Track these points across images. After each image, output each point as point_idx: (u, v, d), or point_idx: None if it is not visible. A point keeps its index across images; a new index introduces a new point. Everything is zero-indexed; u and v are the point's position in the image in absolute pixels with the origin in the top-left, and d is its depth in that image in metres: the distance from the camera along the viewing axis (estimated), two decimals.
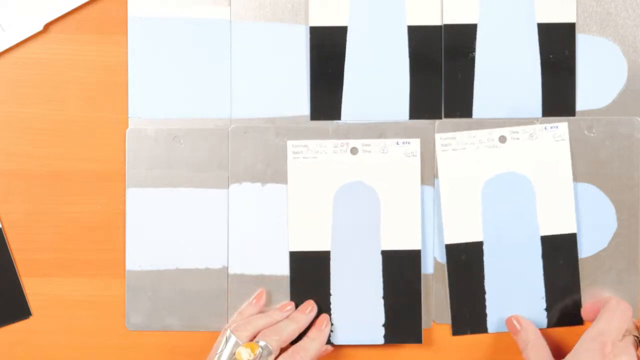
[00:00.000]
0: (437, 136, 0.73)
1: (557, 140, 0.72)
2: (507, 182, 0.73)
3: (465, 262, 0.73)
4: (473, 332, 0.74)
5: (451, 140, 0.73)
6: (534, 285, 0.73)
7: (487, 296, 0.74)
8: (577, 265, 0.73)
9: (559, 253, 0.73)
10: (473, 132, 0.73)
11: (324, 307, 0.74)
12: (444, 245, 0.73)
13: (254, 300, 0.74)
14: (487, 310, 0.74)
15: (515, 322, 0.72)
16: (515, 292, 0.73)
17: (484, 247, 0.73)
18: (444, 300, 0.75)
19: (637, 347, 0.68)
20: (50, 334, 0.76)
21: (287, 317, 0.73)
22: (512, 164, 0.73)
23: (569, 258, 0.73)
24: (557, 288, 0.73)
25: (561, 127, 0.72)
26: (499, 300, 0.73)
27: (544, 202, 0.73)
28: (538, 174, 0.72)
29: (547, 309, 0.73)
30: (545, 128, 0.72)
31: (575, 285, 0.73)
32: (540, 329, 0.73)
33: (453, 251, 0.73)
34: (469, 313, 0.74)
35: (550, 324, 0.73)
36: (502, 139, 0.73)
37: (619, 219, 0.74)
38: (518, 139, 0.72)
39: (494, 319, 0.74)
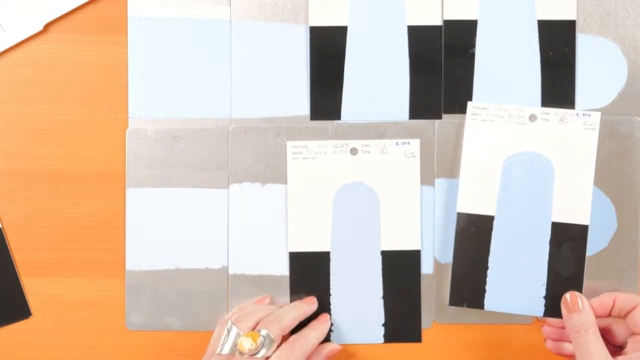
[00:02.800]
0: (469, 104, 0.73)
1: (587, 129, 0.72)
2: (528, 161, 0.73)
3: (474, 233, 0.73)
4: (469, 306, 0.73)
5: (482, 110, 0.73)
6: (537, 270, 0.73)
7: (489, 272, 0.73)
8: (584, 259, 0.72)
9: (568, 243, 0.72)
10: (504, 106, 0.73)
11: (324, 307, 0.74)
12: (455, 213, 0.73)
13: (256, 300, 0.74)
14: (487, 287, 0.73)
15: (579, 300, 0.69)
16: (517, 274, 0.73)
17: (495, 222, 0.73)
18: (444, 300, 0.75)
19: None
20: (50, 334, 0.76)
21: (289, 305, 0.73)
22: (537, 144, 0.72)
23: (576, 250, 0.72)
24: (560, 278, 0.72)
25: (593, 115, 0.72)
26: (500, 279, 0.73)
27: (562, 187, 0.72)
28: (561, 159, 0.72)
29: (545, 297, 0.73)
30: (577, 114, 0.72)
31: (579, 278, 0.72)
32: (536, 318, 0.73)
33: (464, 221, 0.73)
34: (468, 286, 0.73)
35: (547, 313, 0.73)
36: (532, 118, 0.72)
37: (619, 219, 0.74)
38: (548, 120, 0.72)
39: (492, 297, 0.73)
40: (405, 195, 0.74)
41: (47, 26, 0.75)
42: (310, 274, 0.75)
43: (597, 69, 0.75)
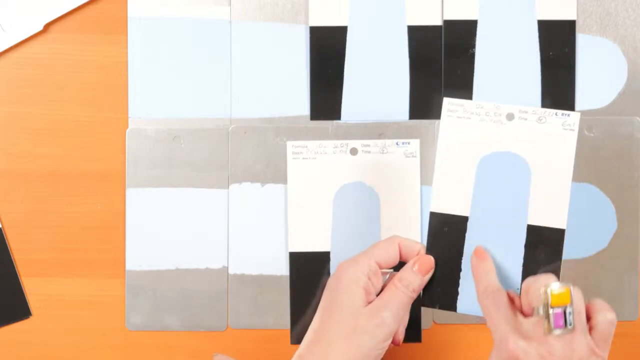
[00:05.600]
0: (445, 100, 0.71)
1: (566, 129, 0.70)
2: (504, 161, 0.71)
3: (447, 234, 0.71)
4: (442, 307, 0.71)
5: (458, 107, 0.71)
6: (511, 274, 0.71)
7: (462, 274, 0.72)
8: (560, 264, 0.70)
9: (543, 247, 0.71)
10: (481, 103, 0.71)
11: None
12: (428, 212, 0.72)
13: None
14: (459, 289, 0.72)
15: (481, 250, 0.69)
16: None
17: (469, 223, 0.71)
18: None
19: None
20: (50, 334, 0.76)
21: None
22: (514, 143, 0.71)
23: (552, 254, 0.71)
24: None
25: (573, 115, 0.70)
26: (473, 282, 0.71)
27: (539, 189, 0.70)
28: (539, 159, 0.70)
29: None
30: (556, 114, 0.70)
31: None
32: None
33: (437, 220, 0.71)
34: (441, 288, 0.72)
35: None
36: (510, 117, 0.71)
37: (619, 219, 0.74)
38: (526, 119, 0.70)
39: (464, 300, 0.71)
40: (405, 195, 0.74)
41: (47, 26, 0.75)
42: (310, 274, 0.75)
43: (597, 69, 0.75)
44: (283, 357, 0.75)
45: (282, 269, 0.75)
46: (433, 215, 0.71)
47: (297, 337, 0.75)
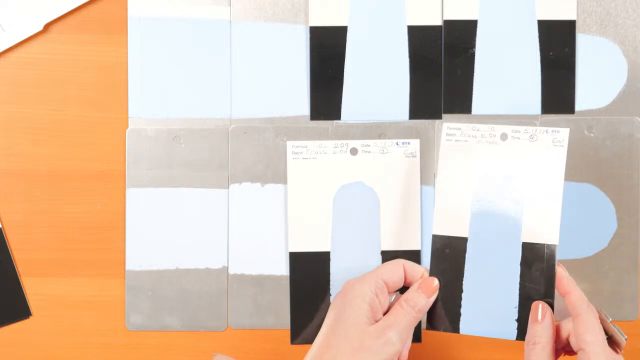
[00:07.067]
0: (444, 125, 0.72)
1: (556, 145, 0.71)
2: (499, 180, 0.71)
3: (449, 256, 0.72)
4: (445, 330, 0.71)
5: (456, 130, 0.72)
6: (509, 293, 0.71)
7: (463, 295, 0.72)
8: (554, 281, 0.70)
9: (537, 264, 0.71)
10: (477, 126, 0.72)
11: (323, 307, 0.74)
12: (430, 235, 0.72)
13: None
14: (462, 310, 0.72)
15: (540, 310, 0.68)
16: (490, 296, 0.70)
17: (468, 244, 0.72)
18: None
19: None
20: (50, 334, 0.76)
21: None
22: (508, 163, 0.71)
23: (546, 271, 0.70)
24: (531, 301, 0.70)
25: (562, 132, 0.71)
26: (474, 302, 0.71)
27: (532, 206, 0.71)
28: (531, 177, 0.71)
29: (517, 320, 0.70)
30: (546, 131, 0.71)
31: (549, 300, 0.70)
32: (509, 341, 0.71)
33: (439, 243, 0.72)
34: (444, 309, 0.72)
35: (520, 337, 0.70)
36: (503, 137, 0.72)
37: (619, 219, 0.74)
38: (518, 138, 0.71)
39: (466, 321, 0.71)
40: (405, 195, 0.74)
41: (47, 26, 0.75)
42: (310, 274, 0.75)
43: (597, 69, 0.75)
44: (283, 357, 0.76)
45: (282, 269, 0.75)
46: (435, 237, 0.71)
47: (297, 337, 0.75)
